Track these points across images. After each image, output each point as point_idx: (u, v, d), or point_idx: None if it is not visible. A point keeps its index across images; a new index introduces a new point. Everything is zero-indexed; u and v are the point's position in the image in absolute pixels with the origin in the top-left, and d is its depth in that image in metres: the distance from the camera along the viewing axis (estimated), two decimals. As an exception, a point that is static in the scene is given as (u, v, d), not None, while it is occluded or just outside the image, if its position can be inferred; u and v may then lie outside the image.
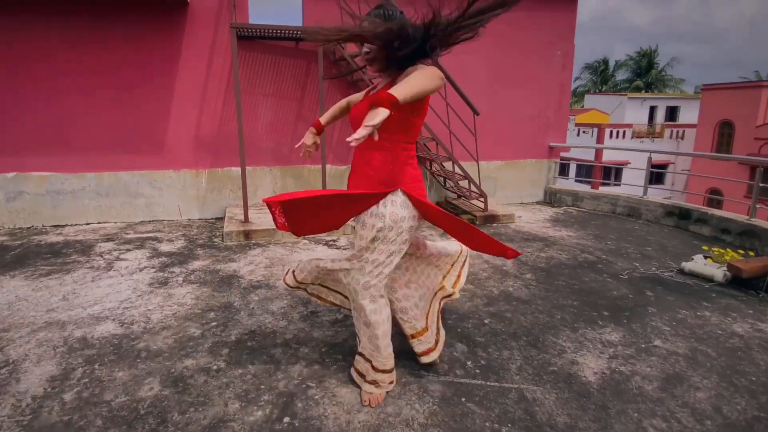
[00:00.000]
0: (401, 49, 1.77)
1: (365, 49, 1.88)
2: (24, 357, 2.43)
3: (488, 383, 2.23)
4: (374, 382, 2.09)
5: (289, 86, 5.52)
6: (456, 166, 5.35)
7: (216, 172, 5.49)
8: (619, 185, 13.20)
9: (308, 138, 2.29)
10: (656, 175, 19.93)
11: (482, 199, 5.31)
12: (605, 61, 33.01)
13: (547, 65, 6.38)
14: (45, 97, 4.95)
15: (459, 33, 1.75)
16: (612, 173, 20.75)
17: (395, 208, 1.94)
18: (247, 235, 4.54)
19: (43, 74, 4.90)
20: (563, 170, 19.39)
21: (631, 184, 8.60)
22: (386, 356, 2.10)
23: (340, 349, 2.51)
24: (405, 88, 1.61)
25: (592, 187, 7.76)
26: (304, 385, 2.19)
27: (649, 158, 5.58)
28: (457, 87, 5.10)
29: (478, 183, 5.37)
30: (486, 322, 2.86)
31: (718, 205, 14.05)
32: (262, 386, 2.18)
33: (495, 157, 6.29)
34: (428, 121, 5.42)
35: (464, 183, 5.54)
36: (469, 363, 2.39)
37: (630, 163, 20.38)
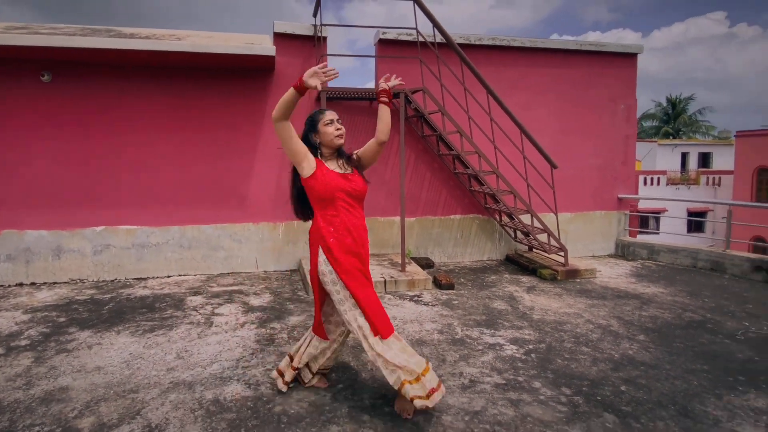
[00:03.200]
0: None
1: (339, 127, 2.56)
2: (166, 421, 2.40)
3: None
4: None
5: (365, 140, 5.66)
6: (534, 219, 5.32)
7: (292, 225, 5.58)
8: (658, 233, 12.99)
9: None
10: (695, 223, 19.50)
11: (562, 253, 5.23)
12: (630, 108, 33.29)
13: (611, 119, 6.46)
14: (140, 158, 5.19)
15: None
16: (648, 221, 20.42)
17: None
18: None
19: (137, 137, 5.17)
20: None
21: (669, 232, 8.48)
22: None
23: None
24: None
25: (629, 235, 7.55)
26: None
27: (729, 212, 5.48)
28: (535, 141, 5.17)
29: (557, 236, 5.30)
30: (623, 389, 2.74)
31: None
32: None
33: (564, 209, 6.25)
34: (504, 173, 5.47)
35: (541, 236, 5.48)
36: (630, 436, 2.28)
37: (667, 210, 20.07)
